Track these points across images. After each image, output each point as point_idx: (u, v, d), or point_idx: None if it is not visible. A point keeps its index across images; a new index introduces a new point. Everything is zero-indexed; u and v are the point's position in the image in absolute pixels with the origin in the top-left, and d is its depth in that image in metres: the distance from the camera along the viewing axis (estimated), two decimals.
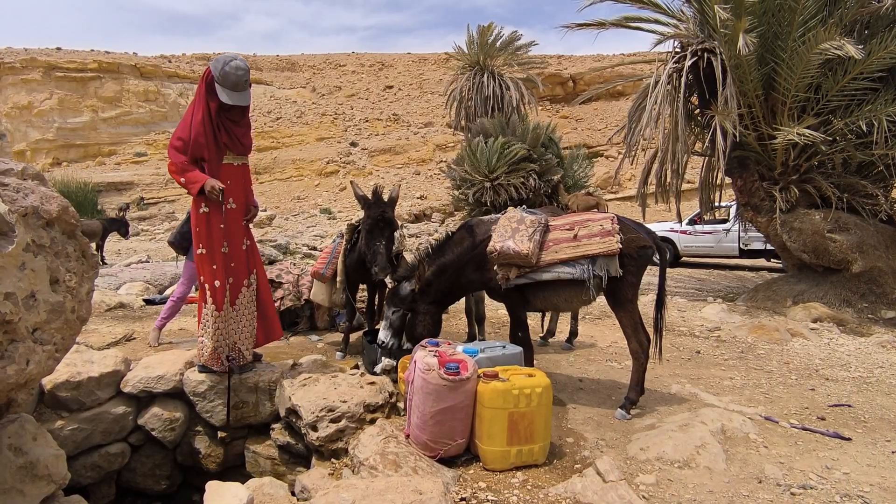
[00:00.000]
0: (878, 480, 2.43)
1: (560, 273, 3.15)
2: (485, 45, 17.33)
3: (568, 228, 3.22)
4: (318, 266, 4.44)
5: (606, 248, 3.07)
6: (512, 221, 3.27)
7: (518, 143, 11.40)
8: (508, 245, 3.14)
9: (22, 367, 2.01)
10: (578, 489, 2.26)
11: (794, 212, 6.67)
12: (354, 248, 4.17)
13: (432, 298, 3.49)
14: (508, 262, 3.20)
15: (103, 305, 5.83)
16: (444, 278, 3.46)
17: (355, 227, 4.23)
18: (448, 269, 3.45)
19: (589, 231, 3.15)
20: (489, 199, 11.31)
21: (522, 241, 3.13)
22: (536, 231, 3.18)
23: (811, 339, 5.10)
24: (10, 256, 1.95)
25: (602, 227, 3.13)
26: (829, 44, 5.49)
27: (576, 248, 3.13)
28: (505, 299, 3.47)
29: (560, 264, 3.15)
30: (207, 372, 3.42)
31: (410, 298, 3.46)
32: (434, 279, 3.44)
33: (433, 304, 3.51)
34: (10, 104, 34.93)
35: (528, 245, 3.11)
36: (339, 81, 48.48)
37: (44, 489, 2.28)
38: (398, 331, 3.49)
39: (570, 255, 3.12)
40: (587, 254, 3.09)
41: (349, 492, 2.03)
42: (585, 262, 3.10)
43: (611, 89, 11.60)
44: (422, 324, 3.45)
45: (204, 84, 3.18)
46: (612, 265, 3.09)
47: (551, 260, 3.16)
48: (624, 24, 7.53)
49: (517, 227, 3.22)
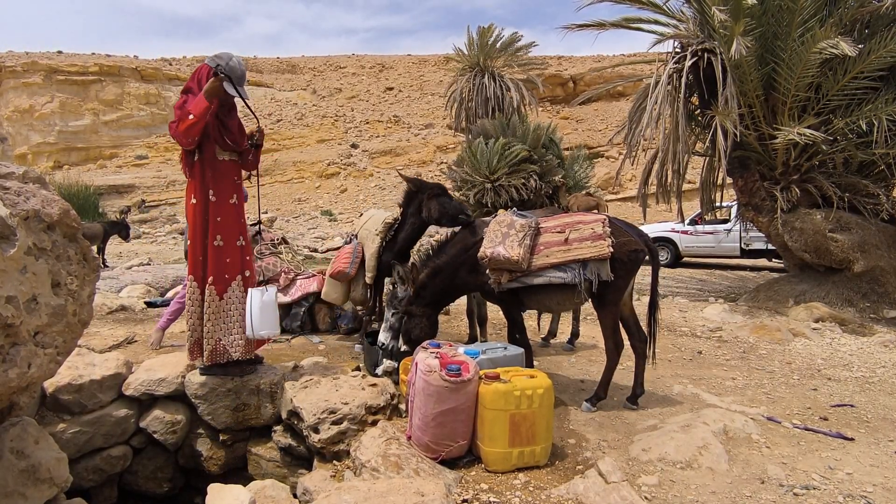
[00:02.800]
0: (881, 480, 2.42)
1: (551, 277, 3.15)
2: (485, 46, 17.35)
3: (559, 231, 3.21)
4: (342, 266, 4.41)
5: (597, 252, 3.06)
6: (502, 226, 3.25)
7: (519, 144, 11.40)
8: (499, 251, 3.13)
9: (24, 370, 2.01)
10: (580, 490, 2.25)
11: (795, 212, 6.66)
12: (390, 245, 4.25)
13: (427, 300, 3.49)
14: (500, 267, 3.19)
15: (105, 308, 5.83)
16: (438, 280, 3.45)
17: (391, 224, 4.29)
18: (442, 270, 3.45)
19: (580, 234, 3.14)
20: (490, 200, 11.30)
21: (512, 246, 3.12)
22: (527, 236, 3.16)
23: (813, 339, 5.10)
24: (12, 260, 1.95)
25: (593, 231, 3.12)
26: (826, 42, 5.49)
27: (567, 252, 3.12)
28: (500, 302, 3.48)
29: (551, 269, 3.15)
30: (209, 374, 3.42)
31: (407, 301, 3.46)
32: (429, 281, 3.44)
33: (429, 305, 3.50)
34: (12, 107, 35.00)
35: (519, 251, 3.10)
36: (340, 83, 48.51)
37: (46, 492, 2.28)
38: (398, 333, 3.49)
39: (561, 259, 3.12)
40: (578, 258, 3.09)
41: (351, 494, 2.03)
42: (576, 267, 3.10)
43: (611, 90, 11.59)
44: (418, 326, 3.45)
45: (206, 80, 3.14)
46: (602, 269, 3.09)
47: (542, 264, 3.15)
48: (624, 24, 7.54)
49: (507, 231, 3.20)
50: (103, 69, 37.47)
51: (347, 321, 5.13)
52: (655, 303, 3.36)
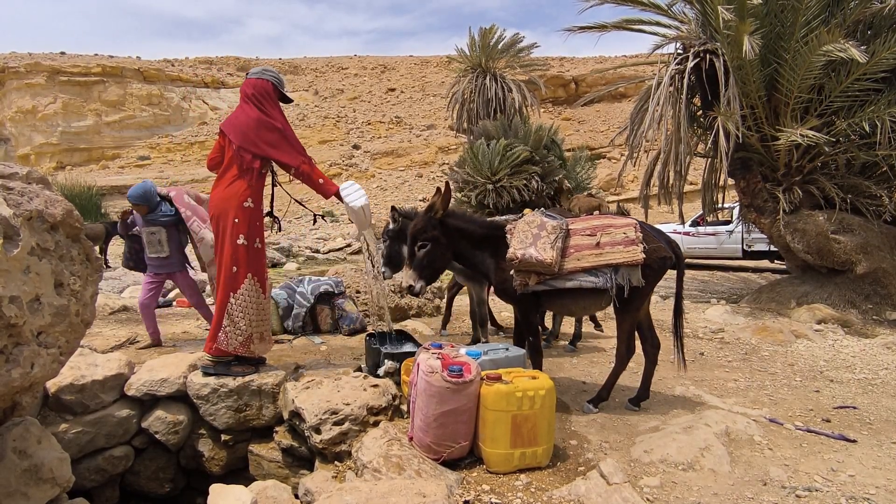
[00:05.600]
0: (884, 483, 2.41)
1: (582, 282, 3.06)
2: (487, 47, 17.38)
3: (590, 234, 3.10)
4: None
5: (631, 257, 2.98)
6: (532, 227, 3.11)
7: (520, 145, 11.41)
8: (531, 253, 3.00)
9: (27, 370, 2.02)
10: (582, 492, 2.25)
11: (797, 213, 6.65)
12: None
13: (443, 249, 3.23)
14: (530, 269, 3.07)
15: (107, 308, 5.85)
16: (462, 242, 3.26)
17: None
18: (470, 236, 3.27)
19: (612, 238, 3.05)
20: (492, 201, 11.31)
21: (545, 248, 2.99)
22: (559, 238, 3.04)
23: (815, 340, 5.08)
24: (15, 260, 1.95)
25: (626, 236, 3.03)
26: (833, 46, 5.47)
27: (599, 256, 3.03)
28: (517, 304, 3.34)
29: (582, 272, 3.05)
30: (212, 375, 3.43)
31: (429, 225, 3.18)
32: (455, 233, 3.23)
33: (448, 247, 3.26)
34: (15, 108, 35.13)
35: (552, 253, 2.98)
36: (342, 84, 48.59)
37: (48, 492, 2.29)
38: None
39: (593, 263, 3.02)
40: (610, 263, 3.01)
41: (353, 495, 2.03)
42: (608, 271, 3.02)
43: (613, 91, 11.58)
44: (443, 257, 3.22)
45: (275, 94, 3.47)
46: (634, 275, 3.02)
47: (573, 268, 3.04)
48: (625, 26, 7.54)
49: (538, 232, 3.06)
50: (106, 70, 37.59)
51: (349, 322, 5.14)
52: (680, 308, 3.33)
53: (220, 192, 3.40)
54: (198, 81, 42.51)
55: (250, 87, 3.42)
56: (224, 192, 3.38)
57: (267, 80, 3.45)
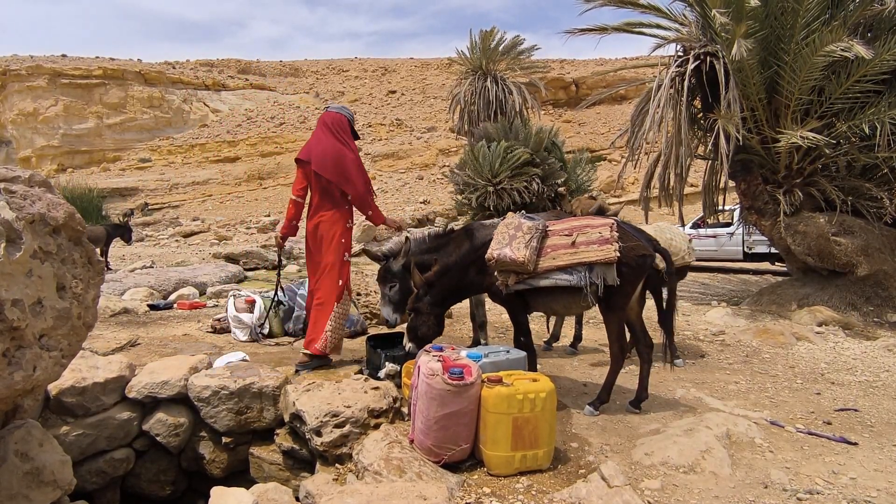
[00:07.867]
0: (885, 485, 2.41)
1: (557, 280, 3.17)
2: (487, 49, 17.37)
3: (566, 234, 3.23)
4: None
5: (604, 256, 3.06)
6: (510, 228, 3.28)
7: (521, 147, 11.40)
8: (505, 252, 3.17)
9: (29, 373, 2.02)
10: (583, 494, 2.25)
11: (798, 215, 6.65)
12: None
13: (435, 299, 3.47)
14: (506, 269, 3.23)
15: (108, 311, 5.85)
16: (446, 279, 3.46)
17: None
18: (451, 270, 3.46)
19: (587, 238, 3.15)
20: (492, 203, 11.30)
21: (519, 248, 3.15)
22: (533, 238, 3.19)
23: (816, 342, 5.08)
24: (18, 263, 1.96)
25: (601, 235, 3.12)
26: (837, 45, 5.47)
27: (573, 255, 3.13)
28: (506, 304, 3.50)
29: (557, 271, 3.16)
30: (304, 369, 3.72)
31: (414, 299, 3.46)
32: (437, 280, 3.44)
33: (436, 304, 3.49)
34: (16, 111, 35.19)
35: (525, 252, 3.13)
36: (343, 87, 48.68)
37: (50, 495, 2.29)
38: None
39: (568, 262, 3.13)
40: (584, 261, 3.10)
41: (354, 497, 2.03)
42: (583, 270, 3.11)
43: (613, 93, 11.59)
44: (425, 324, 3.44)
45: (349, 128, 3.91)
46: (609, 273, 3.08)
47: (548, 266, 3.17)
48: (626, 28, 7.55)
49: (514, 233, 3.23)
50: (107, 73, 37.65)
51: (350, 324, 5.14)
52: (672, 305, 3.37)
53: (329, 215, 3.82)
54: (199, 84, 42.55)
55: (330, 119, 3.87)
56: (331, 216, 3.82)
57: (340, 113, 3.93)
